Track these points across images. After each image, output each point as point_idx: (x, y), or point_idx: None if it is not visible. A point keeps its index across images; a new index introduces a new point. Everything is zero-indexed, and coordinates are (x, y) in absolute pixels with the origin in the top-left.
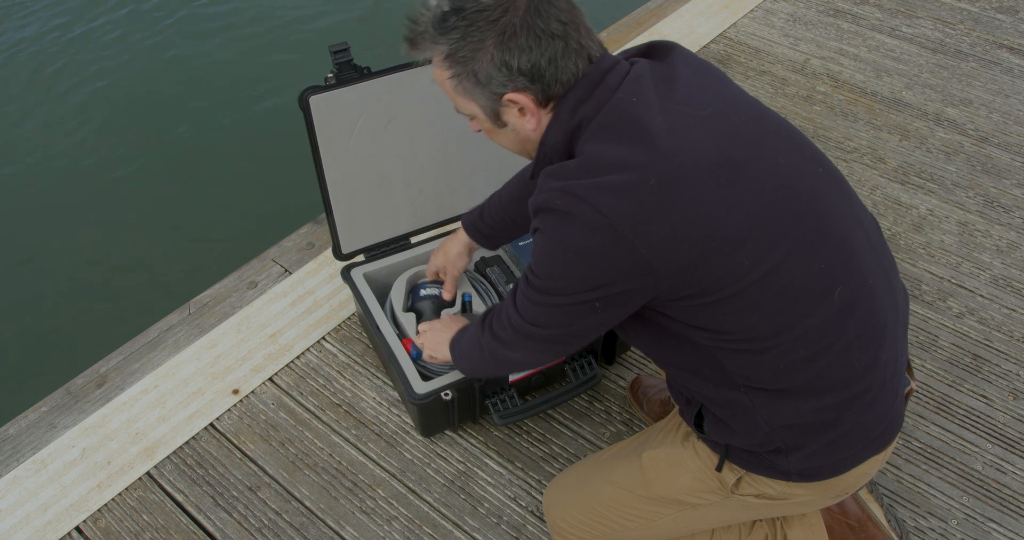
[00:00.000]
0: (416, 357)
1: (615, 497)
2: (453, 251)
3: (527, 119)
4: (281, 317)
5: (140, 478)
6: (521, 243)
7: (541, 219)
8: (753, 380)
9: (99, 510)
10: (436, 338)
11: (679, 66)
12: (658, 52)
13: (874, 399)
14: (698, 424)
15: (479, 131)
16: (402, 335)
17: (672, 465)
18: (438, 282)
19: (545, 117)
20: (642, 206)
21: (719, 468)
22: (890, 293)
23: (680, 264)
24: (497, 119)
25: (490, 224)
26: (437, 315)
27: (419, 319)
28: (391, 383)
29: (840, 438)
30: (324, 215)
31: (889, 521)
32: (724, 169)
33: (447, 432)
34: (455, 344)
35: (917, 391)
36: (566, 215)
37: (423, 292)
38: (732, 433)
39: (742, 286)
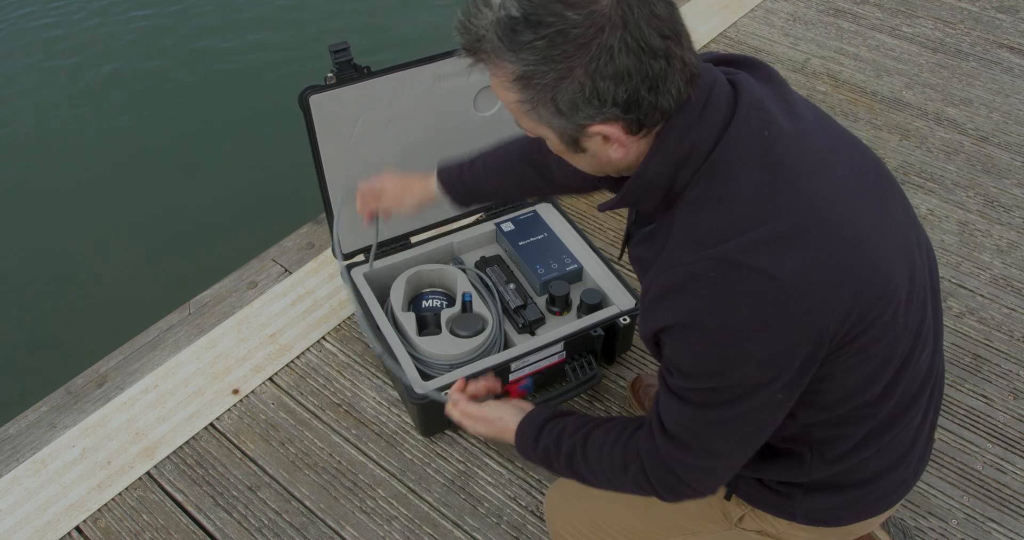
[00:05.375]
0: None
1: (617, 513)
2: (413, 196)
3: (613, 148)
4: (281, 317)
5: (140, 478)
6: (521, 243)
7: (684, 303)
8: (828, 449)
9: (99, 510)
10: (490, 424)
11: (790, 94)
12: (757, 69)
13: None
14: None
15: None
16: (402, 335)
17: None
18: (440, 293)
19: (635, 144)
20: (809, 259)
21: (728, 497)
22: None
23: (845, 320)
24: (575, 145)
25: (468, 186)
26: (438, 324)
27: (420, 327)
28: (391, 383)
29: (864, 495)
30: (324, 215)
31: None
32: (870, 213)
33: (447, 432)
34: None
35: None
36: (724, 291)
37: (425, 303)
38: (764, 470)
39: (885, 342)
